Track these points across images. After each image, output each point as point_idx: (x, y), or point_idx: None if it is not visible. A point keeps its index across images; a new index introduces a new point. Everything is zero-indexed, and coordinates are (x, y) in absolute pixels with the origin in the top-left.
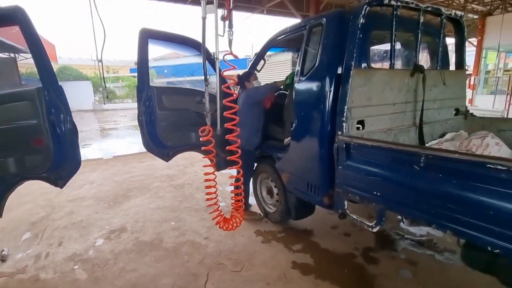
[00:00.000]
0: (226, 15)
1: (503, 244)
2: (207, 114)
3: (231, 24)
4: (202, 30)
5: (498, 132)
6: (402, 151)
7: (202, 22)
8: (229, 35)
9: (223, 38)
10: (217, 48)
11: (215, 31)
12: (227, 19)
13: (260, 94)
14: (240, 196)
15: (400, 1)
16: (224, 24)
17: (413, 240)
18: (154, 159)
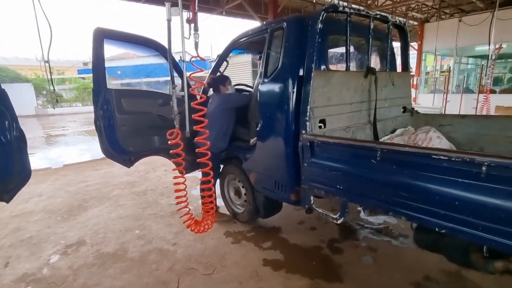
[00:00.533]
0: (192, 17)
1: (447, 225)
2: (175, 117)
3: (196, 26)
4: (167, 32)
5: (439, 126)
6: (360, 147)
7: (167, 24)
8: (195, 37)
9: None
10: (184, 51)
11: (181, 33)
12: (193, 21)
13: (238, 102)
14: (210, 198)
15: (353, 8)
16: (190, 26)
17: (372, 228)
18: (111, 166)
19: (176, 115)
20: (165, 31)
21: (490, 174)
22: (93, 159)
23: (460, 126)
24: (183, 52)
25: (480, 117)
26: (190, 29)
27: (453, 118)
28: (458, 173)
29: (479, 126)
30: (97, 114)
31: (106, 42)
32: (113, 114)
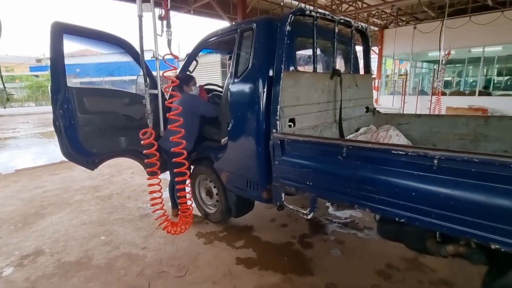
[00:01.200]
0: (164, 14)
1: (405, 214)
2: (149, 116)
3: (169, 23)
4: (139, 29)
5: (398, 125)
6: (328, 144)
7: (139, 20)
8: (168, 34)
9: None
10: (157, 48)
11: (153, 30)
12: (165, 18)
13: (205, 111)
14: (186, 198)
15: (319, 12)
16: (162, 23)
17: (340, 222)
18: (71, 170)
19: (149, 114)
20: (136, 28)
21: (441, 166)
22: (51, 163)
23: (416, 124)
24: (155, 50)
25: (433, 117)
26: (162, 26)
27: (410, 117)
28: (413, 167)
29: (432, 124)
30: (56, 114)
31: (66, 38)
32: (75, 113)
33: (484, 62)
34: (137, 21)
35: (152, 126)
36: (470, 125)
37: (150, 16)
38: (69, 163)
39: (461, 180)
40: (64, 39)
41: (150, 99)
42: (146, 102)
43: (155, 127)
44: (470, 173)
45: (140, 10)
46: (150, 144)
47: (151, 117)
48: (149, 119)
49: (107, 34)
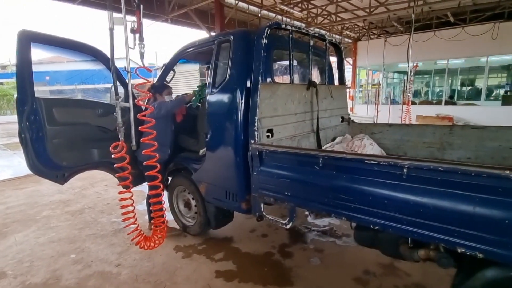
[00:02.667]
0: (137, 28)
1: (379, 221)
2: (120, 129)
3: (142, 37)
4: (110, 42)
5: (371, 134)
6: (305, 155)
7: (110, 33)
8: (140, 48)
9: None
10: (128, 61)
11: (125, 44)
12: (138, 32)
13: (167, 108)
14: (160, 211)
15: (294, 26)
16: (135, 37)
17: (319, 231)
18: (39, 183)
19: (120, 127)
20: (107, 41)
21: (410, 175)
22: (16, 177)
23: (388, 133)
24: (127, 63)
25: (403, 126)
26: (134, 39)
27: (382, 126)
28: (385, 175)
29: (402, 133)
30: (22, 126)
31: (34, 46)
32: (43, 125)
33: (449, 74)
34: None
35: (124, 139)
36: (436, 134)
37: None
38: (36, 176)
39: (428, 188)
40: (32, 47)
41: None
42: (117, 115)
43: (128, 139)
44: (436, 181)
45: (112, 23)
46: (122, 157)
47: (123, 130)
48: (121, 132)
49: (77, 42)
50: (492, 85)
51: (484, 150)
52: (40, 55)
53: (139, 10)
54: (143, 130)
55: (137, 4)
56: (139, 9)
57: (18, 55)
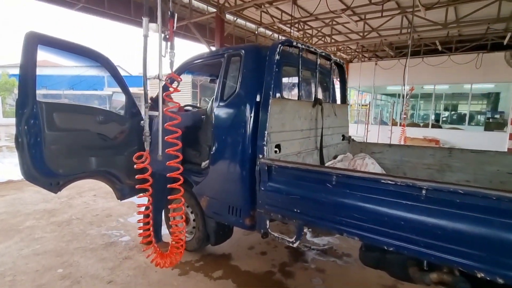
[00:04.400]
0: (170, 36)
1: (394, 243)
2: (146, 138)
3: (173, 45)
4: (143, 48)
5: (371, 153)
6: (317, 172)
7: (144, 40)
8: (171, 56)
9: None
10: (161, 69)
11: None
12: (170, 40)
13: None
14: (179, 227)
15: (304, 44)
16: (166, 44)
17: (319, 249)
18: (21, 191)
19: (147, 137)
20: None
21: (428, 196)
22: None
23: (388, 153)
24: (160, 71)
25: (403, 147)
26: (166, 48)
27: (382, 146)
28: (402, 196)
29: (402, 154)
30: (20, 129)
31: (41, 49)
32: (41, 130)
33: (435, 98)
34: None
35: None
36: (436, 156)
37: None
38: (17, 183)
39: (448, 210)
40: (38, 50)
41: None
42: (145, 123)
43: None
44: (456, 203)
45: (146, 29)
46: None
47: (149, 139)
48: (147, 142)
49: (85, 47)
50: (473, 111)
51: (482, 174)
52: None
53: (173, 19)
54: (168, 140)
55: (172, 13)
56: (173, 18)
57: (23, 57)
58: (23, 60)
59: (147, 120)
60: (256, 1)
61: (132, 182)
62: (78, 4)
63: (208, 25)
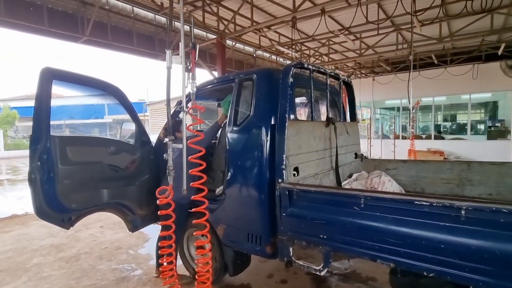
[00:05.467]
0: (191, 67)
1: (436, 268)
2: (170, 172)
3: (194, 76)
4: (167, 80)
5: (386, 170)
6: (344, 195)
7: (167, 72)
8: (192, 86)
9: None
10: (184, 100)
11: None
12: (192, 71)
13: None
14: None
15: (314, 66)
16: (188, 75)
17: (341, 274)
18: (25, 226)
19: (171, 171)
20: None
21: (468, 217)
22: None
23: (403, 170)
24: (183, 102)
25: (418, 162)
26: (188, 78)
27: (396, 163)
28: (440, 217)
29: (418, 169)
30: (33, 166)
31: (55, 84)
32: (55, 165)
33: (433, 110)
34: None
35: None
36: (454, 170)
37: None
38: (22, 217)
39: (491, 231)
40: (53, 85)
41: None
42: (168, 156)
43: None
44: (499, 223)
45: (170, 62)
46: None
47: (173, 173)
48: (170, 175)
49: (96, 79)
50: (473, 120)
51: (505, 187)
52: (26, 91)
53: (194, 50)
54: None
55: (193, 44)
56: (194, 49)
57: (38, 92)
58: (38, 95)
59: (171, 153)
60: (256, 26)
61: (143, 213)
62: (83, 37)
63: (208, 50)
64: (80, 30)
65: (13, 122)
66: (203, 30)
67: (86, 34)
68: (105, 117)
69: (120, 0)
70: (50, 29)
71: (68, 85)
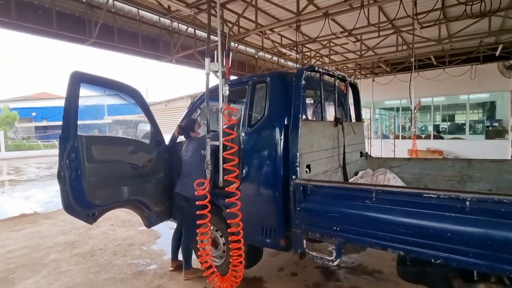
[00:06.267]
0: (226, 72)
1: (442, 255)
2: (208, 166)
3: (228, 80)
4: (206, 84)
5: (390, 168)
6: (356, 189)
7: (206, 78)
8: (225, 90)
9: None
10: (221, 102)
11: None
12: (227, 76)
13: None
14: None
15: (324, 69)
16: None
17: (348, 267)
18: (36, 224)
19: (208, 165)
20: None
21: (473, 207)
22: (8, 218)
23: (407, 167)
24: (220, 103)
25: (422, 160)
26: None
27: (400, 161)
28: (447, 208)
29: (421, 167)
30: (62, 164)
31: (83, 87)
32: (81, 163)
33: (433, 110)
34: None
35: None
36: (456, 168)
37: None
38: (31, 216)
39: (495, 220)
40: (81, 87)
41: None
42: (206, 153)
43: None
44: (501, 212)
45: (208, 68)
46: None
47: (210, 168)
48: (208, 169)
49: (119, 82)
50: (472, 120)
51: (504, 183)
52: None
53: (228, 57)
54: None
55: (227, 52)
56: (228, 56)
57: (68, 94)
58: (67, 98)
59: (209, 150)
60: (260, 29)
61: (159, 209)
62: (90, 40)
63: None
64: (87, 32)
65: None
66: (206, 32)
67: (93, 36)
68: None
69: (126, 3)
70: (58, 32)
71: (95, 88)
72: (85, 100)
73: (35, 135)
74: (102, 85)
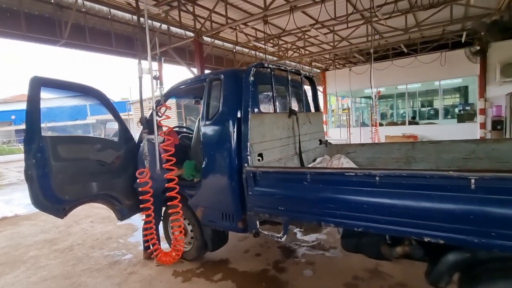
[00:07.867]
0: (159, 76)
1: (361, 223)
2: (146, 157)
3: (161, 82)
4: (139, 87)
5: (347, 154)
6: (294, 173)
7: (139, 81)
8: (161, 90)
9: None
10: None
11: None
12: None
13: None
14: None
15: (274, 65)
16: (157, 82)
17: (308, 246)
18: (17, 226)
19: (147, 156)
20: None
21: (382, 182)
22: None
23: (361, 152)
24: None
25: (374, 145)
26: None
27: (355, 147)
28: (362, 184)
29: (374, 151)
30: (28, 163)
31: (44, 91)
32: (48, 162)
33: (409, 97)
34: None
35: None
36: (402, 150)
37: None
38: (12, 219)
39: (398, 191)
40: (41, 91)
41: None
42: (144, 146)
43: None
44: (402, 184)
45: (141, 72)
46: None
47: (149, 158)
48: (147, 160)
49: (80, 85)
50: (448, 105)
51: (442, 162)
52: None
53: (160, 62)
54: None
55: (159, 57)
56: (160, 61)
57: (29, 98)
58: (28, 102)
59: (146, 143)
60: (231, 24)
61: (130, 203)
62: (61, 40)
63: (187, 48)
64: (58, 33)
65: None
66: (181, 29)
67: (64, 37)
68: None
69: (96, 3)
70: (28, 34)
71: (56, 91)
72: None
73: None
74: (63, 88)
